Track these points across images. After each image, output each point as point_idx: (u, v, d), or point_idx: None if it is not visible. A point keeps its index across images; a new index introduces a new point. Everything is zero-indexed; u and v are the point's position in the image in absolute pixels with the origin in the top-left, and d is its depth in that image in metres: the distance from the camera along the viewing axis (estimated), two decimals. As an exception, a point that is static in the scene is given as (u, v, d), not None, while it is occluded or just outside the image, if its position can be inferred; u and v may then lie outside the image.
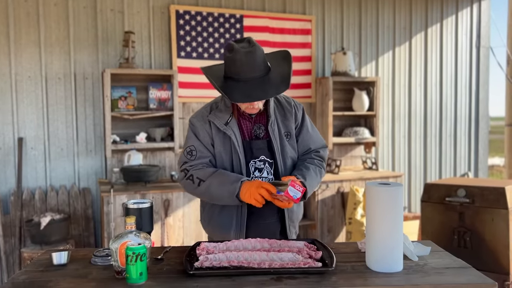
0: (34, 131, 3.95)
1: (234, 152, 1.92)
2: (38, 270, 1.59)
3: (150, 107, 4.10)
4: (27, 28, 3.90)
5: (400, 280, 1.46)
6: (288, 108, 2.03)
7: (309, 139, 2.06)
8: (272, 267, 1.52)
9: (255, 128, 1.96)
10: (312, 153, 2.06)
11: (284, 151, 1.98)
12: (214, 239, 2.01)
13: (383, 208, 1.53)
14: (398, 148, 5.35)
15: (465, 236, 3.10)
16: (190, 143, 1.95)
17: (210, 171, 1.89)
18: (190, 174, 1.90)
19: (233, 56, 1.80)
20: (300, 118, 2.06)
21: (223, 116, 1.93)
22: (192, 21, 4.33)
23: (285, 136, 1.99)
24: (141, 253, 1.44)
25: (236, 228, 1.93)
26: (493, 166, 11.64)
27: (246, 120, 1.97)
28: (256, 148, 1.94)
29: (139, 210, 1.70)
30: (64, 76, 4.02)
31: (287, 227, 2.00)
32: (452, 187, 3.17)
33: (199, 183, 1.88)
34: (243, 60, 1.78)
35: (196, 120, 1.97)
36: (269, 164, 1.96)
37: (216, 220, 1.98)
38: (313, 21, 4.80)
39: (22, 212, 3.82)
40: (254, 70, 1.81)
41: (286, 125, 2.00)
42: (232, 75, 1.83)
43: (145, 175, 3.82)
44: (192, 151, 1.93)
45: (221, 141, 1.93)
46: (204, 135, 1.94)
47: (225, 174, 1.88)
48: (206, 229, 2.09)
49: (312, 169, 1.97)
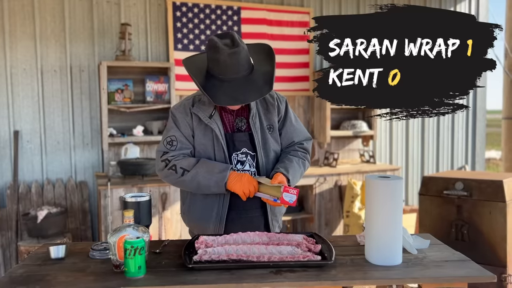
0: (30, 124, 3.92)
1: (217, 145, 1.91)
2: (35, 264, 1.58)
3: (147, 100, 4.07)
4: (22, 20, 3.86)
5: (400, 273, 1.46)
6: (271, 101, 2.02)
7: (292, 132, 2.05)
8: (271, 261, 1.51)
9: (237, 121, 1.96)
10: (296, 145, 2.06)
11: (267, 144, 1.97)
12: (194, 232, 2.01)
13: (383, 201, 1.53)
14: (396, 141, 5.35)
15: (462, 229, 3.10)
16: (171, 133, 1.93)
17: (194, 161, 1.88)
18: (173, 164, 1.88)
19: (217, 57, 1.78)
20: (283, 111, 2.05)
21: (207, 109, 1.92)
22: (189, 13, 4.30)
23: (268, 129, 1.98)
24: (140, 247, 1.43)
25: (216, 220, 1.91)
26: (490, 159, 11.68)
27: (228, 113, 1.96)
28: (238, 140, 1.93)
29: (137, 203, 1.69)
30: (60, 69, 3.99)
31: (270, 221, 1.99)
32: (450, 180, 3.18)
33: (183, 172, 1.86)
34: (227, 62, 1.77)
35: (177, 111, 1.96)
36: (251, 157, 1.95)
37: (196, 212, 1.96)
38: (311, 14, 4.77)
39: (18, 205, 3.80)
40: (238, 70, 1.80)
41: (268, 118, 2.00)
42: (215, 74, 1.82)
43: (142, 168, 3.80)
44: (173, 141, 1.92)
45: (203, 134, 1.92)
46: (185, 126, 1.93)
47: (211, 162, 1.87)
48: (185, 222, 2.07)
49: (295, 161, 1.96)
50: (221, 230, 1.91)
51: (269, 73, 1.86)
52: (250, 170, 1.94)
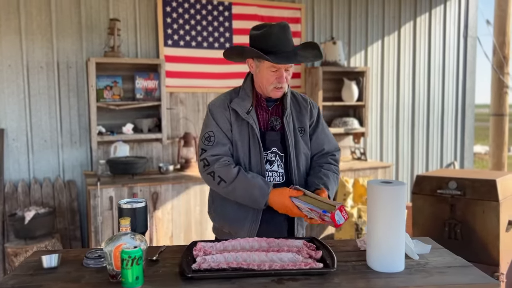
0: (16, 122, 3.81)
1: (253, 142, 1.89)
2: (27, 274, 1.52)
3: (136, 97, 4.00)
4: (6, 14, 3.74)
5: (403, 281, 1.44)
6: (304, 104, 2.04)
7: (323, 139, 2.05)
8: (272, 269, 1.47)
9: (272, 120, 1.95)
10: (328, 157, 2.05)
11: (297, 145, 1.96)
12: (224, 230, 1.99)
13: (386, 207, 1.50)
14: (386, 138, 5.36)
15: (456, 228, 3.11)
16: (209, 129, 1.91)
17: (233, 173, 1.84)
18: (212, 171, 1.86)
19: (269, 31, 1.81)
20: (316, 117, 2.06)
21: (245, 104, 1.91)
22: (180, 8, 4.22)
23: (299, 131, 1.98)
24: (137, 257, 1.38)
25: (251, 220, 1.90)
26: (475, 154, 11.82)
27: (263, 111, 1.96)
28: (269, 139, 1.93)
29: (133, 210, 1.64)
30: (46, 65, 3.88)
31: (295, 226, 1.98)
32: (444, 179, 3.17)
33: (220, 182, 1.85)
34: (280, 35, 1.81)
35: (215, 106, 1.95)
36: (280, 158, 1.94)
37: (230, 212, 1.94)
38: (302, 10, 4.73)
39: (4, 206, 3.70)
40: (289, 44, 1.84)
41: (300, 120, 2.00)
42: (266, 48, 1.81)
43: (132, 167, 3.73)
44: (210, 136, 1.89)
45: (239, 130, 1.90)
46: (224, 121, 1.91)
47: (250, 180, 1.83)
48: (215, 220, 2.04)
49: (331, 177, 1.96)
50: (255, 231, 1.90)
51: (316, 54, 1.90)
52: (278, 171, 1.94)
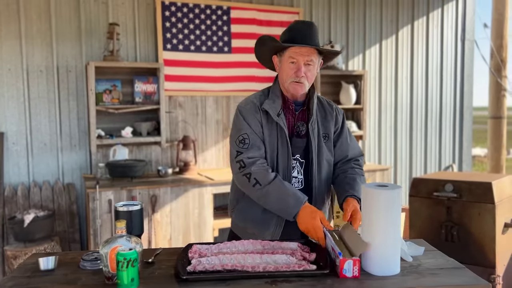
0: (15, 125, 3.84)
1: (282, 145, 1.88)
2: (25, 276, 1.54)
3: (135, 100, 4.02)
4: (7, 19, 3.77)
5: (396, 283, 1.45)
6: (329, 110, 2.01)
7: (347, 146, 2.03)
8: (266, 271, 1.49)
9: (298, 125, 1.92)
10: (352, 162, 2.03)
11: (321, 152, 1.94)
12: (248, 231, 1.96)
13: (381, 211, 1.51)
14: (385, 141, 5.38)
15: (452, 230, 3.12)
16: (243, 131, 1.87)
17: (270, 178, 1.82)
18: (248, 172, 1.82)
19: (295, 27, 1.86)
20: (341, 123, 2.04)
21: (275, 106, 1.89)
22: (178, 13, 4.25)
23: (323, 137, 1.96)
24: (133, 259, 1.40)
25: (276, 222, 1.89)
26: (475, 157, 11.84)
27: (290, 115, 1.94)
28: (295, 146, 1.91)
29: (129, 212, 1.66)
30: (46, 69, 3.91)
31: None
32: (440, 182, 3.19)
33: (255, 184, 1.82)
34: (305, 29, 1.84)
35: (246, 109, 1.91)
36: (299, 164, 1.93)
37: (256, 214, 1.92)
38: (300, 14, 4.76)
39: (4, 209, 3.73)
40: (311, 39, 1.85)
41: (325, 126, 1.98)
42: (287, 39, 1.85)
43: (131, 170, 3.75)
44: (245, 139, 1.86)
45: (268, 133, 1.89)
46: (256, 123, 1.88)
47: (285, 189, 1.81)
48: (236, 221, 2.02)
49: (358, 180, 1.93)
50: (279, 234, 1.90)
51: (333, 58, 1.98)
52: (298, 177, 1.93)
